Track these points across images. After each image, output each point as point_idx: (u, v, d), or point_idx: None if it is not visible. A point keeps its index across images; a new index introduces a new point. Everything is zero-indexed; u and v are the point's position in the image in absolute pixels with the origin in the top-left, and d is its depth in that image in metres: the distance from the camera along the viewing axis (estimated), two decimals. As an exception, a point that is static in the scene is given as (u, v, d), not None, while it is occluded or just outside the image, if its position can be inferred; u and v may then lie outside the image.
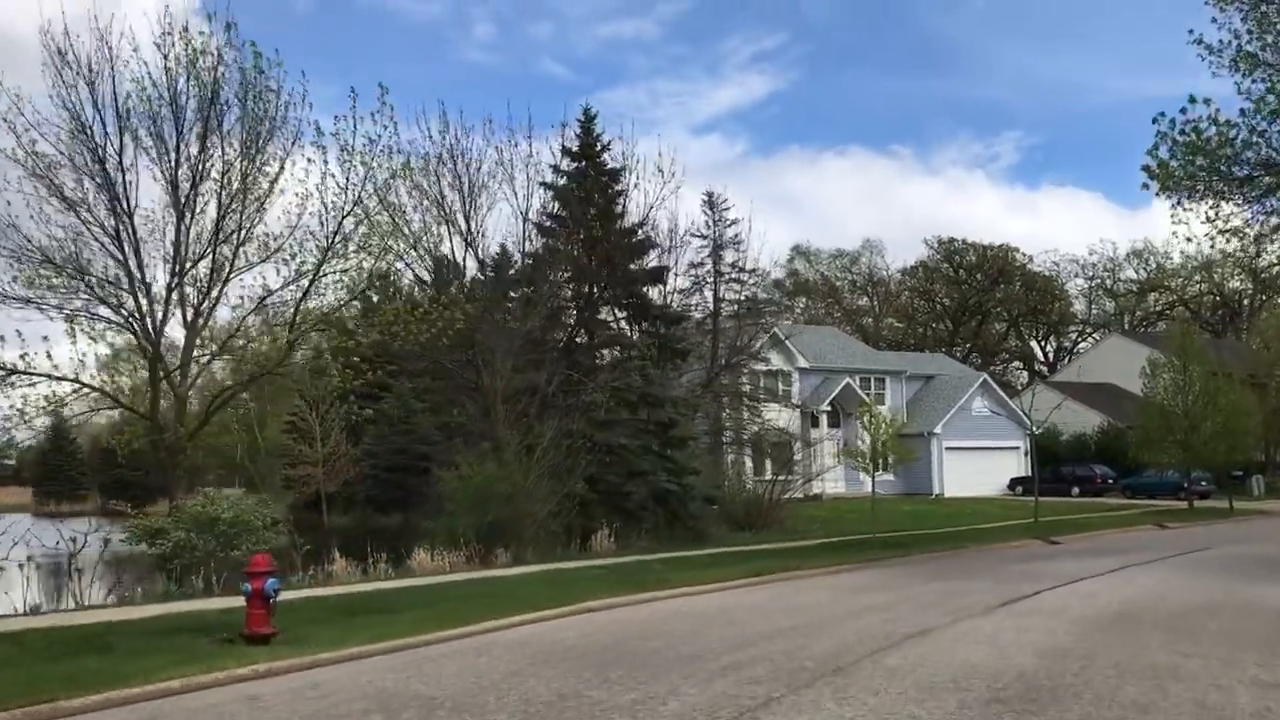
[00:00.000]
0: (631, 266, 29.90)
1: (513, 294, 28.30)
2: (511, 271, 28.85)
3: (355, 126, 22.82)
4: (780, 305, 40.93)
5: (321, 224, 22.73)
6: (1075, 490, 51.75)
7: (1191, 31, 18.09)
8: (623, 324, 30.27)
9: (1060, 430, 60.72)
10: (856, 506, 44.46)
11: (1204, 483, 49.09)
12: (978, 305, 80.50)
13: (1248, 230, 18.32)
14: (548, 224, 28.89)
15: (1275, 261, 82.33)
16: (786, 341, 50.50)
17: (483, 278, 28.00)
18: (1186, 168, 18.19)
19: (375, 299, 26.23)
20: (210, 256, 22.29)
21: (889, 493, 52.72)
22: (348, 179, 22.74)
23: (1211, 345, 56.34)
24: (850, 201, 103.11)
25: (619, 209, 29.79)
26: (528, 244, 28.71)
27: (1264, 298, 78.88)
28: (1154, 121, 18.22)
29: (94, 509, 56.79)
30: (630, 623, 13.38)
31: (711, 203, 41.95)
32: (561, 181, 29.19)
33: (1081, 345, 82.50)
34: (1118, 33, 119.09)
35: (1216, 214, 19.27)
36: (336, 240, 22.67)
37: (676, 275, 35.29)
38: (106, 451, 53.56)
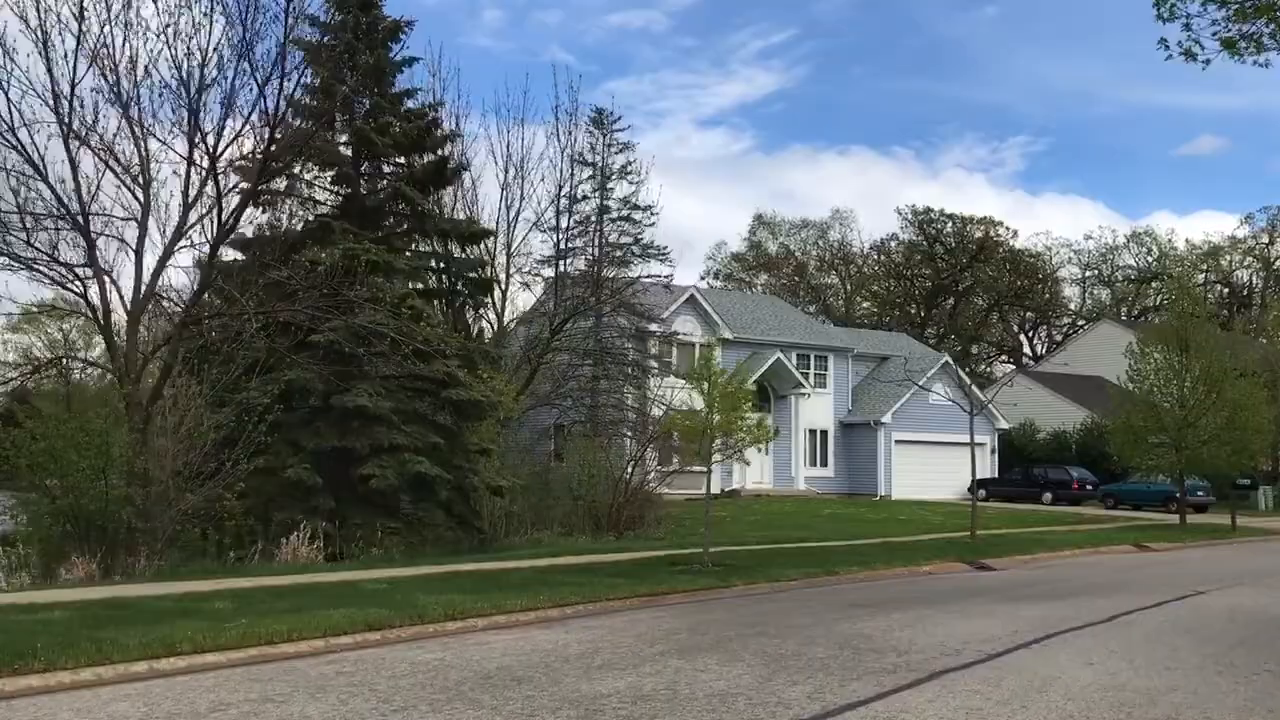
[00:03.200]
0: (404, 160, 21.37)
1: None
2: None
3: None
4: (668, 259, 32.08)
5: None
6: (1047, 496, 43.39)
7: None
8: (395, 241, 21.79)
9: (1038, 427, 52.47)
10: (772, 508, 36.22)
11: (1201, 492, 40.75)
12: (954, 284, 71.90)
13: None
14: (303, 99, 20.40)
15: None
16: (705, 305, 42.05)
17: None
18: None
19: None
20: None
21: (827, 492, 44.44)
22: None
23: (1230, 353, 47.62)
24: (849, 202, 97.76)
25: (393, 80, 21.32)
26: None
27: (1276, 289, 70.44)
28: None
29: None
30: None
31: (599, 121, 33.59)
32: (322, 39, 20.71)
33: (1074, 338, 73.99)
34: (1129, 43, 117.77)
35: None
36: None
37: (477, 181, 27.28)
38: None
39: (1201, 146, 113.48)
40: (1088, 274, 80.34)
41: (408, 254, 21.24)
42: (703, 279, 70.89)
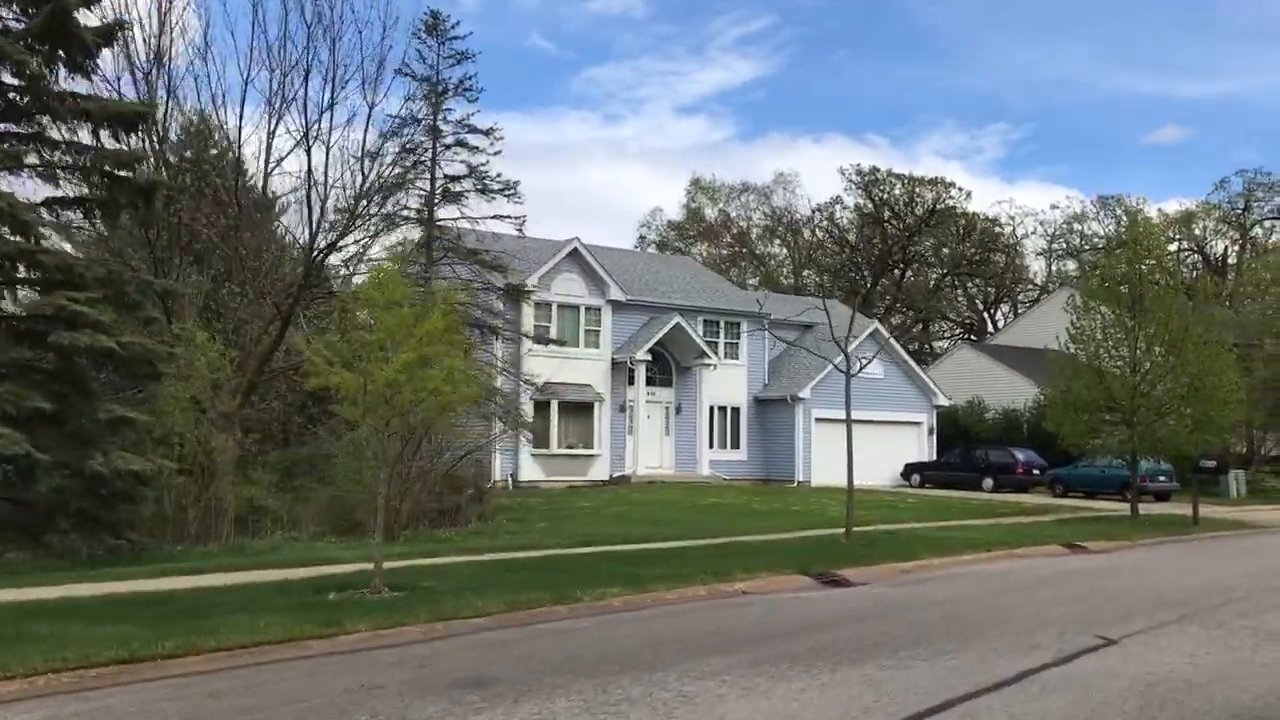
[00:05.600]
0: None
1: None
2: None
3: None
4: (515, 195, 25.99)
5: None
6: (989, 482, 37.69)
7: None
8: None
9: (986, 405, 46.76)
10: (653, 496, 30.43)
11: (1163, 478, 35.12)
12: (904, 251, 65.97)
13: None
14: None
15: (1266, 215, 68.76)
16: (591, 261, 36.08)
17: None
18: None
19: None
20: None
21: (738, 477, 38.61)
22: None
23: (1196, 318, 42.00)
24: (821, 190, 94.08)
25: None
26: None
27: (1252, 256, 64.94)
28: None
29: None
30: None
31: (433, 27, 27.52)
32: None
33: (1032, 308, 68.37)
34: (1107, 29, 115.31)
35: None
36: None
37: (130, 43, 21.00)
38: None
39: (1165, 135, 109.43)
40: (1054, 246, 74.75)
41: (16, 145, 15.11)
42: (636, 249, 64.87)
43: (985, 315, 75.72)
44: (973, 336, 74.05)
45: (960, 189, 65.51)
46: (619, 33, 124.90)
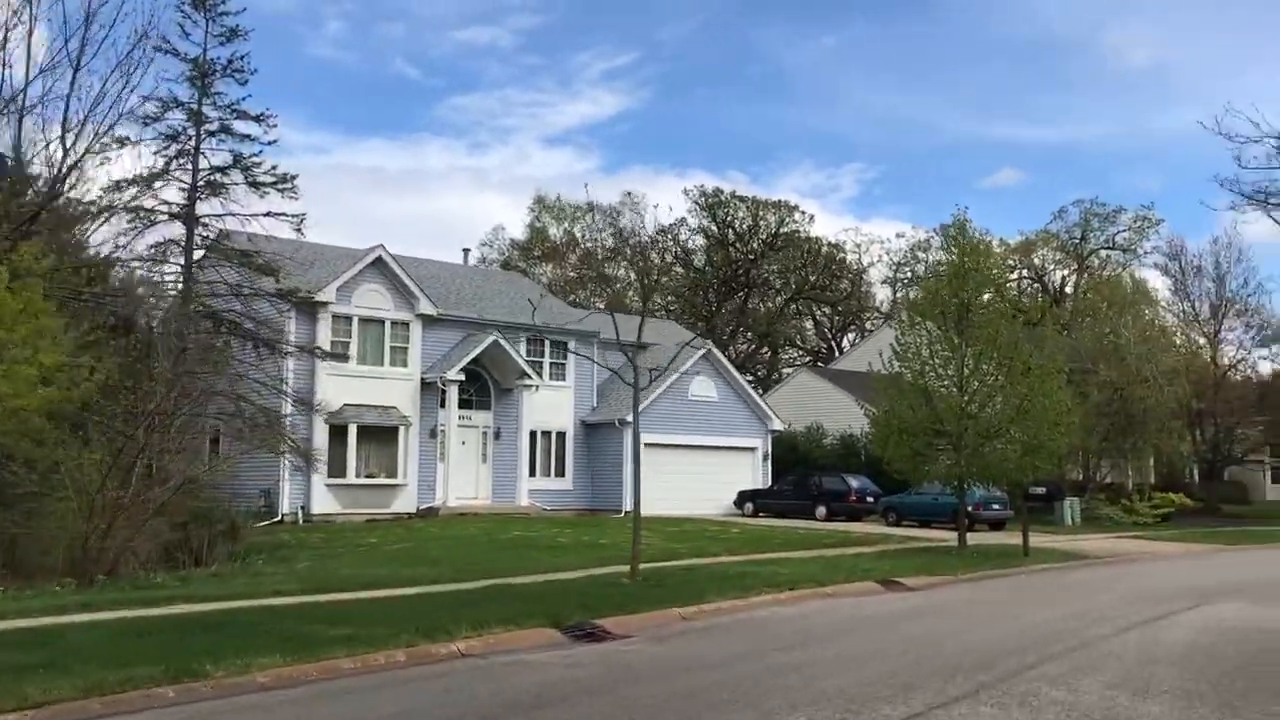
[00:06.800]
0: None
1: None
2: None
3: None
4: (292, 191, 22.81)
5: None
6: (822, 510, 35.82)
7: None
8: None
9: (825, 430, 45.20)
10: (449, 531, 27.46)
11: (997, 505, 33.81)
12: (747, 275, 64.53)
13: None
14: None
15: (1099, 245, 69.79)
16: (399, 271, 33.01)
17: None
18: None
19: None
20: None
21: (562, 507, 35.85)
22: None
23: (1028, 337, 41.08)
24: (675, 216, 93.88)
25: None
26: None
27: (1088, 284, 65.63)
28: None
29: None
30: None
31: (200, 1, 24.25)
32: None
33: (874, 333, 67.74)
34: (957, 74, 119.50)
35: None
36: None
37: None
38: None
39: (1002, 178, 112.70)
40: (898, 273, 74.54)
41: None
42: (459, 263, 61.77)
43: (832, 342, 75.01)
44: (820, 363, 73.19)
45: (804, 213, 64.64)
46: (486, 62, 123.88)
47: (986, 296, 25.03)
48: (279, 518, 30.20)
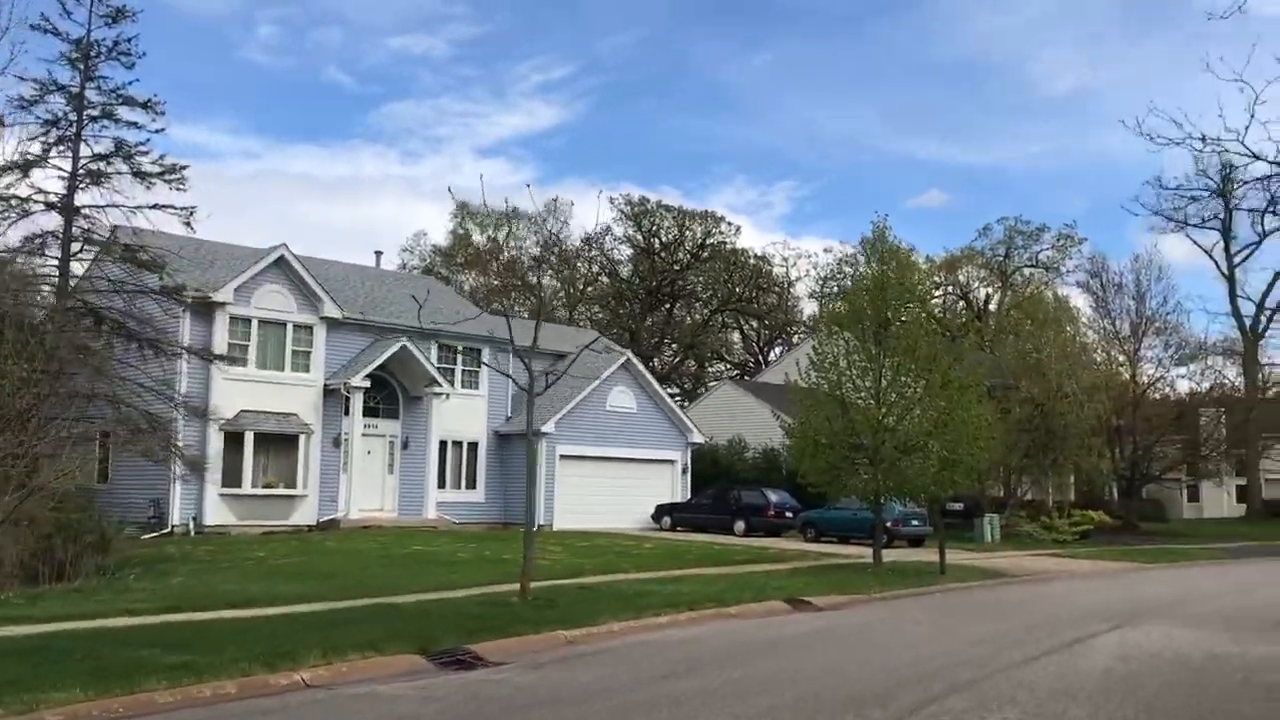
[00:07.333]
0: None
1: None
2: None
3: None
4: (181, 181, 21.31)
5: None
6: (740, 525, 34.96)
7: None
8: None
9: (747, 443, 44.44)
10: (346, 545, 26.05)
11: (916, 521, 33.23)
12: (672, 286, 63.67)
13: None
14: None
15: (1023, 263, 70.34)
16: (302, 272, 31.53)
17: None
18: None
19: None
20: None
21: (473, 521, 34.55)
22: None
23: (947, 349, 40.68)
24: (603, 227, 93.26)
25: None
26: None
27: (1011, 301, 65.93)
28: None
29: None
30: None
31: (80, -23, 22.70)
32: None
33: (799, 346, 67.33)
34: (888, 94, 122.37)
35: None
36: None
37: None
38: None
39: (928, 199, 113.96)
40: (825, 287, 74.34)
41: None
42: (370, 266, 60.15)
43: (760, 355, 74.47)
44: (748, 377, 72.61)
45: (730, 224, 63.99)
46: (419, 71, 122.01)
47: (905, 310, 24.31)
48: (169, 529, 28.56)
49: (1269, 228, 60.07)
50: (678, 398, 61.88)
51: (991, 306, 70.11)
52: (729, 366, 75.66)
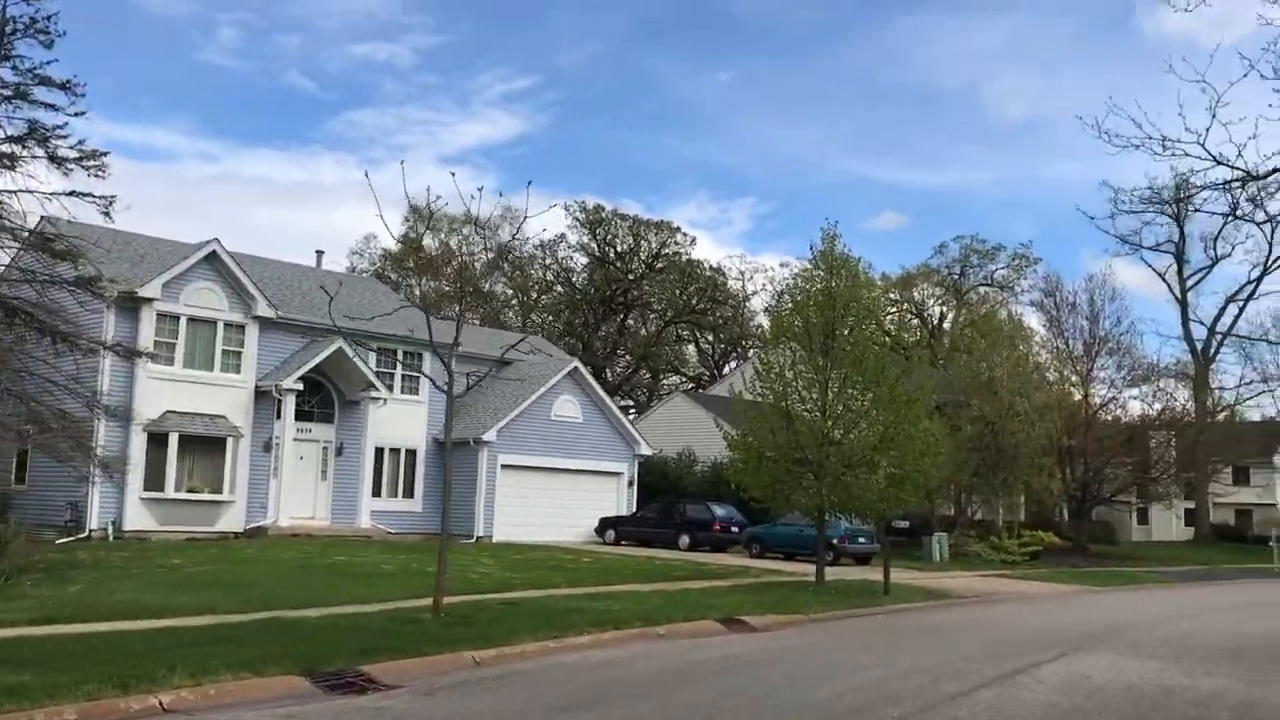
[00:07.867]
0: None
1: None
2: None
3: None
4: (100, 169, 19.97)
5: None
6: (685, 540, 34.10)
7: None
8: None
9: (696, 457, 43.57)
10: (277, 553, 24.83)
11: (863, 539, 32.55)
12: (626, 295, 62.85)
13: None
14: None
15: (978, 282, 70.29)
16: (234, 268, 30.33)
17: None
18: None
19: None
20: None
21: (409, 530, 33.42)
22: None
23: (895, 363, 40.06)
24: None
25: None
26: None
27: (964, 318, 65.72)
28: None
29: None
30: None
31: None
32: None
33: (750, 359, 66.73)
34: (848, 114, 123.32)
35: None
36: None
37: None
38: None
39: (883, 221, 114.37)
40: (781, 301, 73.83)
41: None
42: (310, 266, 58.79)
43: (715, 368, 73.79)
44: (702, 389, 71.85)
45: (686, 235, 63.33)
46: (382, 79, 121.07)
47: (855, 322, 23.57)
48: (87, 534, 27.29)
49: (1220, 253, 60.42)
50: (631, 409, 61.06)
51: (946, 324, 69.91)
52: (684, 379, 74.96)
